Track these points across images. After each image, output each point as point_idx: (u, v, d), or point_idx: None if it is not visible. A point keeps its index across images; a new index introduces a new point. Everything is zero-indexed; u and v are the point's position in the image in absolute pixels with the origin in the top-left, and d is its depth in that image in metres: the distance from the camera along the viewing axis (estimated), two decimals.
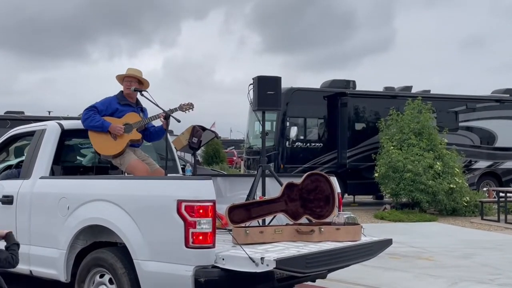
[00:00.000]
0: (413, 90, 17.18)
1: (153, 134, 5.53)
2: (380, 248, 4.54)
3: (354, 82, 16.72)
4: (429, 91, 17.31)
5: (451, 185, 13.08)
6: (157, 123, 5.51)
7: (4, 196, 5.05)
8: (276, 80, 5.63)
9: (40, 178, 4.91)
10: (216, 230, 3.78)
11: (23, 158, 6.00)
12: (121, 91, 5.43)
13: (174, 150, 6.32)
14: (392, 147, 13.71)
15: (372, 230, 5.28)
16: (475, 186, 16.12)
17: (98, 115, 5.17)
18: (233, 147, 44.81)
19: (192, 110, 5.53)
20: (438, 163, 13.25)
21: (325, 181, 4.81)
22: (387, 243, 4.61)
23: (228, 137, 57.73)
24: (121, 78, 5.41)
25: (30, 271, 4.82)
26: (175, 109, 5.41)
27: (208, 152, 30.72)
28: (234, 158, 36.52)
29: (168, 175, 5.37)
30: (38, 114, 30.18)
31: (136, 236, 3.90)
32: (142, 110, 5.53)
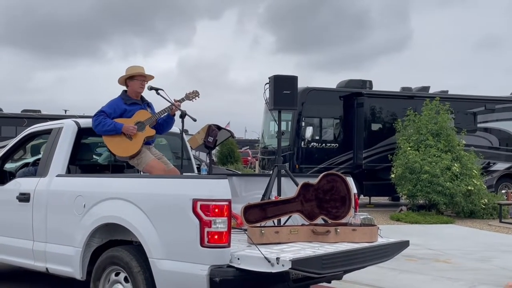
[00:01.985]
0: (431, 91, 17.01)
1: (163, 125, 5.44)
2: (396, 250, 4.48)
3: (370, 82, 16.60)
4: (447, 91, 17.13)
5: (469, 187, 12.91)
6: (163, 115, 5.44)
7: (21, 194, 5.09)
8: (293, 80, 5.60)
9: (56, 176, 4.93)
10: (232, 230, 3.76)
11: (39, 156, 6.05)
12: (124, 91, 5.37)
13: (190, 149, 6.31)
14: (409, 148, 13.58)
15: (388, 232, 5.21)
16: (494, 188, 15.90)
17: (108, 119, 5.12)
18: (248, 147, 44.84)
19: (198, 97, 5.49)
20: (456, 165, 13.10)
21: (342, 182, 4.76)
22: (404, 244, 4.55)
23: (243, 137, 57.80)
24: (124, 80, 5.31)
25: (46, 269, 4.84)
26: (182, 99, 5.38)
27: (222, 151, 30.77)
28: (249, 158, 36.53)
29: (184, 174, 5.36)
30: (54, 112, 30.64)
31: (151, 235, 3.90)
32: (149, 105, 5.49)
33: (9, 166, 6.20)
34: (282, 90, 5.50)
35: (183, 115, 5.36)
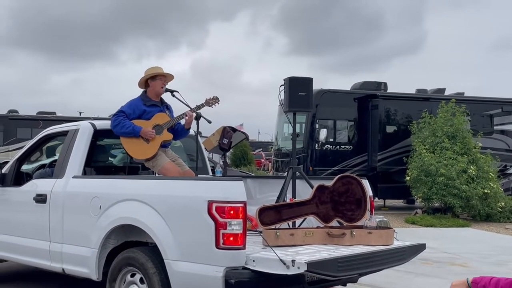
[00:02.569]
0: (446, 93, 16.88)
1: (177, 133, 5.45)
2: (413, 253, 4.44)
3: (385, 84, 16.51)
4: (463, 93, 16.98)
5: (485, 190, 12.77)
6: (182, 120, 5.45)
7: (38, 195, 5.13)
8: (308, 81, 5.59)
9: (73, 177, 4.96)
10: (247, 232, 3.75)
11: (56, 157, 6.10)
12: (144, 92, 5.36)
13: (204, 151, 6.32)
14: (424, 151, 13.47)
15: (403, 235, 5.16)
16: (510, 191, 15.71)
17: (127, 120, 5.12)
18: (261, 149, 44.82)
19: (218, 103, 5.48)
20: (472, 167, 12.96)
21: (357, 184, 4.73)
22: (420, 248, 4.51)
23: (256, 139, 57.79)
24: (147, 79, 5.30)
25: (63, 269, 4.87)
26: (202, 105, 5.37)
27: (236, 154, 30.80)
28: (262, 160, 36.53)
29: (199, 176, 5.37)
30: (69, 114, 30.94)
31: (167, 236, 3.91)
32: (168, 107, 5.48)
33: (26, 167, 6.27)
34: (297, 92, 5.49)
35: (198, 117, 5.36)
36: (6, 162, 5.97)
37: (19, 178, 5.70)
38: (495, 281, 2.62)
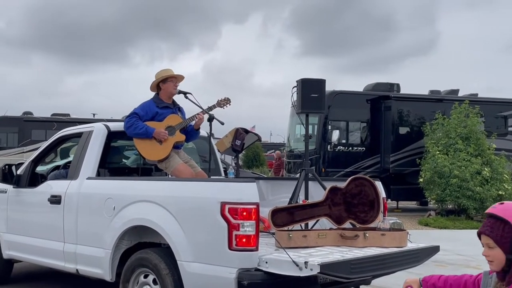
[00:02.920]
0: (460, 94, 16.75)
1: (190, 133, 5.50)
2: (426, 255, 4.41)
3: (398, 85, 16.44)
4: (476, 94, 16.86)
5: (500, 192, 12.66)
6: (193, 122, 5.49)
7: (52, 196, 5.18)
8: (320, 83, 5.58)
9: (87, 178, 5.00)
10: (259, 233, 3.76)
11: (70, 159, 6.16)
12: (157, 94, 5.40)
13: (217, 153, 6.34)
14: (437, 152, 13.38)
15: (417, 237, 5.14)
16: None
17: (140, 122, 5.17)
18: (273, 150, 44.79)
19: (230, 104, 5.52)
20: (486, 169, 12.85)
21: (370, 186, 4.72)
22: (434, 250, 4.48)
23: (268, 140, 57.78)
24: (159, 82, 5.34)
25: (77, 270, 4.91)
26: (214, 106, 5.41)
27: (248, 155, 30.84)
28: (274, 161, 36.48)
29: (212, 177, 5.39)
30: (82, 116, 31.20)
31: (180, 237, 3.92)
32: (180, 109, 5.52)
33: (40, 168, 6.33)
34: (310, 94, 5.48)
35: (211, 119, 5.39)
36: (21, 164, 6.04)
37: (34, 179, 5.75)
38: (443, 279, 2.64)
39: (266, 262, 3.63)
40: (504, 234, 2.21)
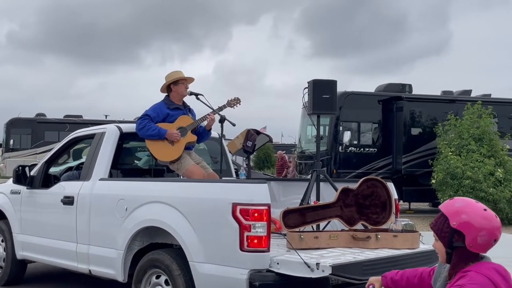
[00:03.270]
0: (473, 94, 16.62)
1: (201, 134, 5.53)
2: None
3: (410, 86, 16.35)
4: (489, 95, 16.70)
5: None
6: (204, 123, 5.53)
7: (65, 197, 5.22)
8: (332, 84, 5.57)
9: (99, 179, 5.04)
10: (271, 234, 3.76)
11: (83, 160, 6.20)
12: (167, 96, 5.45)
13: (228, 154, 6.35)
14: (450, 153, 13.29)
15: (429, 239, 5.09)
16: None
17: (152, 123, 5.22)
18: (285, 151, 44.74)
19: (240, 104, 5.54)
20: (499, 170, 12.73)
21: (382, 187, 4.70)
22: None
23: (279, 142, 57.74)
24: (169, 84, 5.38)
25: (89, 270, 4.94)
26: (224, 106, 5.44)
27: (259, 156, 30.84)
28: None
29: (223, 178, 5.40)
30: (95, 117, 31.43)
31: (191, 238, 3.93)
32: (190, 110, 5.57)
33: (53, 170, 6.38)
34: (321, 95, 5.48)
35: (222, 120, 5.41)
36: (34, 165, 6.10)
37: (47, 180, 5.80)
38: (401, 273, 2.69)
39: (278, 263, 3.63)
40: (443, 229, 2.28)
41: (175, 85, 5.40)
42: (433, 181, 13.57)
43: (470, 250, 2.22)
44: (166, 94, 5.47)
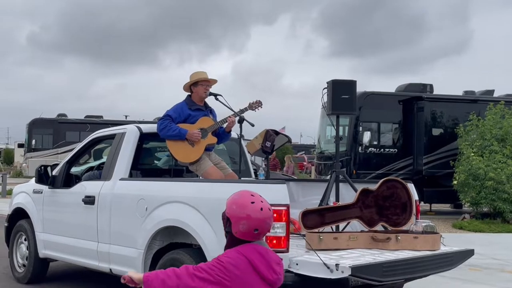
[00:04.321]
0: (496, 94, 16.37)
1: (220, 135, 5.53)
2: (460, 259, 4.33)
3: (431, 86, 16.17)
4: None
5: None
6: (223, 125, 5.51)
7: (86, 197, 5.28)
8: (351, 84, 5.54)
9: (120, 179, 5.08)
10: (290, 235, 3.75)
11: (103, 160, 6.27)
12: (189, 96, 5.45)
13: (247, 154, 6.36)
14: (472, 154, 13.10)
15: (450, 240, 5.04)
16: None
17: (173, 124, 5.23)
18: (304, 152, 44.67)
19: (261, 107, 5.52)
20: None
21: (402, 188, 4.66)
22: (468, 253, 4.39)
23: (298, 142, 57.66)
24: (190, 85, 5.38)
25: (110, 270, 4.99)
26: (245, 109, 5.42)
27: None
28: (305, 163, 36.38)
29: (242, 179, 5.40)
30: (115, 118, 31.74)
31: (211, 238, 3.95)
32: (212, 112, 5.56)
33: (75, 170, 6.46)
34: (341, 95, 5.45)
35: (241, 121, 5.40)
36: (56, 165, 6.18)
37: (68, 180, 5.87)
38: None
39: (297, 264, 3.63)
40: (223, 215, 2.60)
41: (195, 86, 5.39)
42: (455, 182, 13.39)
43: (236, 236, 2.49)
44: (189, 94, 5.49)
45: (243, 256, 2.42)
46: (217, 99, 5.45)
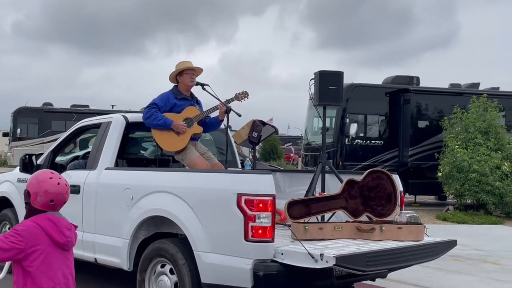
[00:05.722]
0: (481, 87, 16.51)
1: (209, 125, 5.55)
2: (443, 249, 4.39)
3: (418, 78, 16.26)
4: (498, 88, 16.59)
5: None
6: (212, 114, 5.54)
7: (71, 186, 5.21)
8: (338, 75, 5.56)
9: (105, 169, 5.06)
10: (275, 225, 3.77)
11: (89, 149, 6.22)
12: (175, 86, 5.45)
13: (234, 145, 6.36)
14: (457, 146, 13.23)
15: (434, 231, 5.11)
16: None
17: (159, 113, 5.23)
18: (291, 143, 44.75)
19: (247, 98, 5.53)
20: (506, 164, 12.67)
21: (387, 179, 4.69)
22: (451, 244, 4.45)
23: (286, 133, 57.74)
24: (175, 74, 5.40)
25: (95, 259, 4.98)
26: (231, 99, 5.43)
27: (265, 148, 30.85)
28: (292, 154, 36.48)
29: (228, 169, 5.40)
30: (101, 107, 31.48)
31: (196, 228, 3.95)
32: (198, 102, 5.58)
33: (60, 159, 6.41)
34: (328, 86, 5.47)
35: (228, 111, 5.40)
36: (41, 154, 6.13)
37: (53, 169, 5.79)
38: None
39: (282, 254, 3.65)
40: (24, 190, 2.88)
41: (181, 75, 5.40)
42: (439, 174, 13.53)
43: (34, 207, 2.80)
44: (175, 84, 5.48)
45: (35, 223, 2.75)
46: (204, 88, 5.45)
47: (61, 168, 5.89)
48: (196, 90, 5.56)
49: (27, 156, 5.89)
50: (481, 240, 9.67)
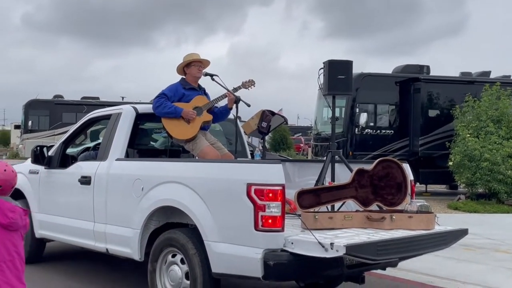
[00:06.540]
0: (492, 75, 16.35)
1: (218, 114, 5.62)
2: (454, 238, 4.37)
3: (428, 67, 16.15)
4: (509, 76, 16.42)
5: None
6: (221, 103, 5.59)
7: (82, 177, 5.29)
8: (348, 64, 5.53)
9: (116, 160, 5.08)
10: (285, 215, 3.77)
11: (100, 140, 6.26)
12: (183, 78, 5.54)
13: (244, 135, 6.36)
14: (468, 135, 13.13)
15: (445, 220, 5.08)
16: None
17: (169, 102, 5.29)
18: (300, 133, 44.70)
19: (254, 86, 5.59)
20: None
21: (397, 168, 4.67)
22: (462, 233, 4.43)
23: (295, 124, 57.68)
24: (183, 66, 5.48)
25: (107, 249, 5.01)
26: (239, 87, 5.50)
27: (275, 138, 30.81)
28: (301, 144, 36.43)
29: (238, 159, 5.41)
30: (112, 99, 31.61)
31: (207, 218, 3.97)
32: (205, 93, 5.64)
33: (71, 150, 6.46)
34: (337, 75, 5.44)
35: (237, 101, 5.41)
36: (52, 146, 6.17)
37: (64, 160, 5.87)
38: None
39: (292, 243, 3.65)
40: None
41: (188, 67, 5.50)
42: (450, 163, 13.46)
43: None
44: (183, 76, 5.53)
45: None
46: (213, 79, 5.48)
47: (72, 159, 5.94)
48: (203, 82, 5.61)
49: (38, 148, 5.93)
50: (493, 229, 9.62)
